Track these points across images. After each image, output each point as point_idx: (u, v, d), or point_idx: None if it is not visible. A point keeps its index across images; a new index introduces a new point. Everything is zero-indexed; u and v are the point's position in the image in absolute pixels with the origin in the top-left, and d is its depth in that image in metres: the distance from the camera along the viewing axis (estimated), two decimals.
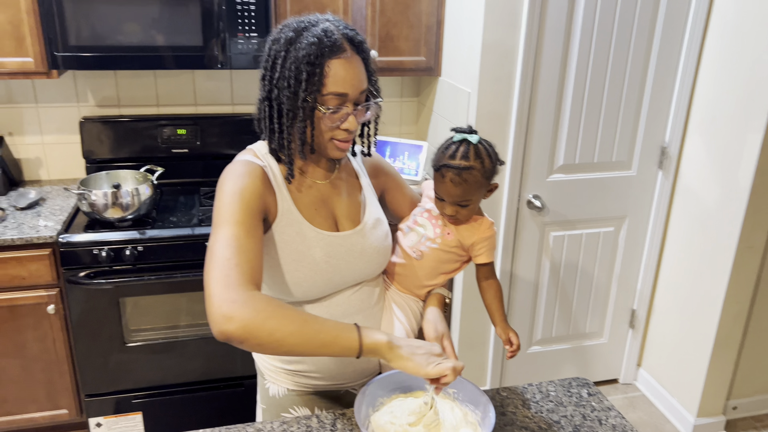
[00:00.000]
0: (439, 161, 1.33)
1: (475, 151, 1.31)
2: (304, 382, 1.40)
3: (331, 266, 1.30)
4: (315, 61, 1.16)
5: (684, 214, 2.68)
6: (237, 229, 1.14)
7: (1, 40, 2.25)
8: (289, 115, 1.20)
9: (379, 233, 1.39)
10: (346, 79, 1.18)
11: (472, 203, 1.36)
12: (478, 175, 1.32)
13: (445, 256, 1.42)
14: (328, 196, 1.35)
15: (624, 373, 3.06)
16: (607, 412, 1.38)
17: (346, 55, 1.19)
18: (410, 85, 3.03)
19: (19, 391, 2.43)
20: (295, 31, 1.19)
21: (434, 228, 1.41)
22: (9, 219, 2.36)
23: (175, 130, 2.72)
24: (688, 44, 2.49)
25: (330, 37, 1.17)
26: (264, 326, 1.04)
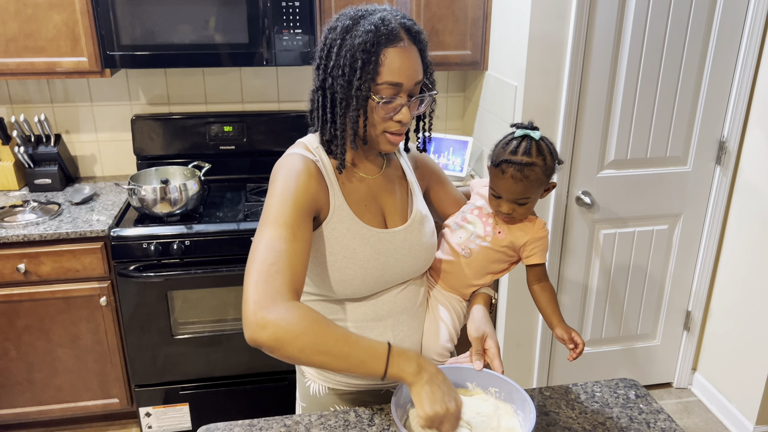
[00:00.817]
0: (500, 157, 1.30)
1: (537, 147, 1.29)
2: (344, 381, 1.40)
3: (380, 263, 1.28)
4: (371, 49, 1.14)
5: (743, 212, 2.55)
6: (284, 231, 1.13)
7: (58, 41, 2.33)
8: (342, 104, 1.18)
9: (426, 230, 1.37)
10: (402, 68, 1.16)
11: (531, 201, 1.33)
12: (540, 172, 1.29)
13: (494, 256, 1.39)
14: (377, 191, 1.33)
15: (678, 376, 2.94)
16: (656, 415, 1.32)
17: (403, 44, 1.16)
18: (456, 79, 3.00)
19: (73, 380, 2.51)
20: (352, 19, 1.18)
21: (485, 226, 1.38)
22: (65, 213, 2.44)
23: (222, 127, 2.77)
24: (749, 33, 2.37)
25: (387, 26, 1.15)
26: (296, 341, 1.04)
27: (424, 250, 1.36)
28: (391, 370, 1.08)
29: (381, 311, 1.33)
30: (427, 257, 1.37)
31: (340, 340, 1.07)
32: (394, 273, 1.31)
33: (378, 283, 1.30)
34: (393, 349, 1.09)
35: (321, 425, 1.29)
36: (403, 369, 1.08)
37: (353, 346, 1.07)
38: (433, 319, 1.41)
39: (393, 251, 1.30)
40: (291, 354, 1.05)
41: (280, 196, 1.17)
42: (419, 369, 1.09)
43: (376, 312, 1.33)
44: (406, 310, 1.36)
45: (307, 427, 1.29)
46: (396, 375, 1.08)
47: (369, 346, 1.09)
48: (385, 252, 1.29)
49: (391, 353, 1.09)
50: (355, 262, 1.26)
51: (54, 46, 2.34)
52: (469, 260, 1.39)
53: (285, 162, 1.24)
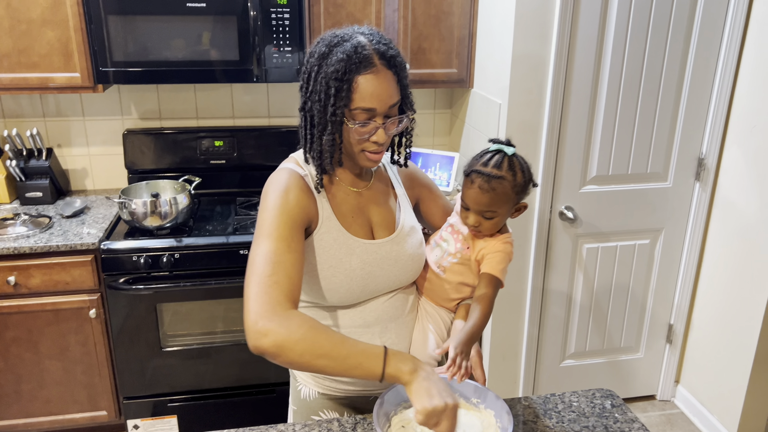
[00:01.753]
0: (471, 167, 1.34)
1: (509, 162, 1.31)
2: (334, 386, 1.43)
3: (366, 273, 1.33)
4: (343, 77, 1.19)
5: (722, 227, 2.61)
6: (279, 244, 1.19)
7: (51, 57, 2.38)
8: (319, 127, 1.25)
9: (413, 241, 1.41)
10: (374, 94, 1.21)
11: (497, 216, 1.34)
12: (508, 186, 1.31)
13: (466, 271, 1.41)
14: (365, 204, 1.39)
15: (661, 389, 2.99)
16: (631, 424, 1.36)
17: (375, 70, 1.21)
18: (443, 97, 3.06)
19: (61, 392, 2.52)
20: (327, 46, 1.22)
21: (455, 243, 1.41)
22: (55, 226, 2.47)
23: (213, 141, 2.81)
24: (725, 53, 2.44)
25: (360, 53, 1.19)
26: (296, 347, 1.10)
27: (411, 261, 1.40)
28: (389, 370, 1.12)
29: (369, 318, 1.37)
30: (414, 267, 1.41)
31: (337, 343, 1.13)
32: (381, 282, 1.36)
33: (364, 291, 1.34)
34: (389, 350, 1.15)
35: None
36: (400, 368, 1.13)
37: (350, 349, 1.13)
38: (421, 329, 1.45)
39: (379, 261, 1.34)
40: (292, 359, 1.11)
41: (273, 210, 1.23)
42: (415, 368, 1.14)
43: (364, 319, 1.37)
44: (393, 319, 1.40)
45: None
46: (393, 374, 1.13)
47: (366, 348, 1.14)
48: (370, 262, 1.33)
49: (388, 354, 1.14)
50: (341, 271, 1.31)
51: (47, 62, 2.38)
52: (444, 278, 1.42)
53: (276, 177, 1.30)
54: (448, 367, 1.24)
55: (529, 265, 2.63)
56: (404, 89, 1.29)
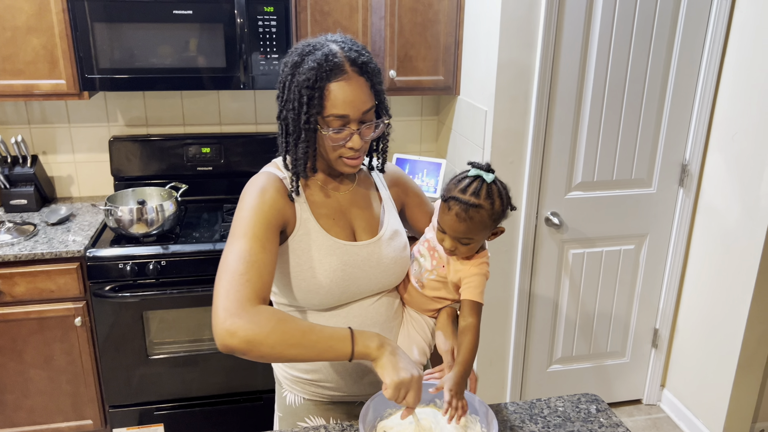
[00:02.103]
0: (449, 192, 1.30)
1: (488, 190, 1.28)
2: (319, 392, 1.44)
3: (347, 275, 1.33)
4: (314, 85, 1.21)
5: (706, 232, 2.65)
6: (252, 243, 1.20)
7: (36, 64, 2.37)
8: (294, 135, 1.27)
9: (396, 244, 1.41)
10: (347, 101, 1.22)
11: (474, 243, 1.32)
12: (486, 215, 1.28)
13: (442, 287, 1.40)
14: (347, 207, 1.39)
15: (647, 393, 3.01)
16: (615, 429, 1.38)
17: (347, 77, 1.22)
18: (430, 104, 3.07)
19: (46, 402, 2.50)
20: (300, 55, 1.25)
21: (431, 260, 1.40)
22: (40, 234, 2.45)
23: (199, 148, 2.81)
24: (707, 60, 2.48)
25: (330, 61, 1.21)
26: (267, 340, 1.12)
27: (393, 264, 1.40)
28: (357, 348, 1.16)
29: (352, 323, 1.37)
30: (397, 271, 1.41)
31: (306, 331, 1.16)
32: (362, 285, 1.36)
33: (344, 293, 1.34)
34: (355, 331, 1.18)
35: None
36: (368, 345, 1.17)
37: (319, 334, 1.16)
38: (405, 334, 1.45)
39: (360, 263, 1.35)
40: (264, 352, 1.13)
41: (249, 211, 1.25)
42: (381, 343, 1.18)
43: (347, 323, 1.37)
44: (377, 324, 1.40)
45: None
46: (362, 352, 1.17)
47: (333, 332, 1.17)
48: (351, 263, 1.34)
49: (355, 333, 1.18)
50: (320, 273, 1.31)
51: (32, 69, 2.37)
52: (423, 291, 1.42)
53: (254, 180, 1.32)
54: (445, 411, 1.21)
55: (515, 271, 2.64)
56: (378, 94, 1.30)
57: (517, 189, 2.53)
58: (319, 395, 1.44)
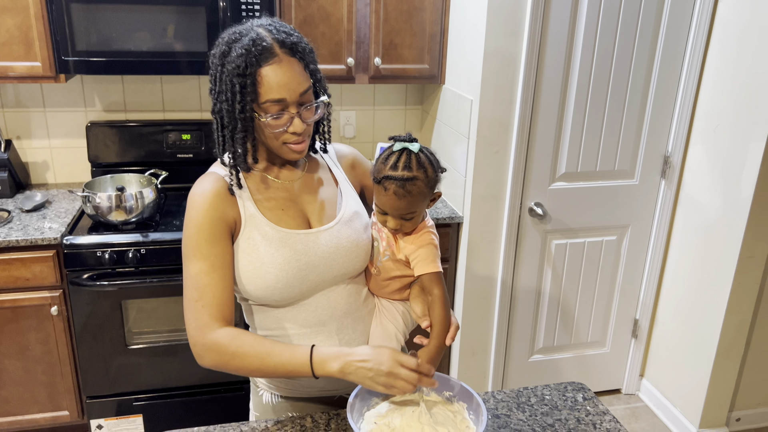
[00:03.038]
0: (380, 173, 1.26)
1: (417, 160, 1.25)
2: (296, 389, 1.41)
3: (303, 264, 1.29)
4: (245, 72, 1.16)
5: (686, 224, 2.67)
6: (202, 264, 1.22)
7: (10, 45, 2.29)
8: (230, 126, 1.21)
9: (356, 226, 1.36)
10: (281, 83, 1.18)
11: (416, 215, 1.30)
12: (422, 185, 1.26)
13: (399, 267, 1.37)
14: (297, 195, 1.34)
15: (627, 383, 3.04)
16: (602, 417, 1.38)
17: (278, 59, 1.18)
18: (414, 93, 3.05)
19: (21, 392, 2.44)
20: (227, 44, 1.19)
21: (381, 240, 1.37)
22: (15, 221, 2.39)
23: (180, 135, 2.75)
24: (690, 54, 2.50)
25: (258, 45, 1.17)
26: (229, 365, 1.21)
27: (355, 247, 1.35)
28: (318, 373, 1.18)
29: (322, 316, 1.34)
30: (359, 254, 1.36)
31: (264, 357, 1.19)
32: (323, 272, 1.32)
33: (305, 284, 1.30)
34: (314, 356, 1.18)
35: (277, 431, 1.30)
36: (329, 371, 1.17)
37: (278, 359, 1.19)
38: (378, 324, 1.42)
39: (316, 251, 1.30)
40: (233, 372, 1.22)
41: (194, 228, 1.24)
42: (341, 366, 1.16)
43: (318, 317, 1.34)
44: (349, 314, 1.37)
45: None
46: (325, 375, 1.18)
47: (292, 356, 1.19)
48: (306, 252, 1.29)
49: (313, 360, 1.18)
50: (274, 266, 1.27)
51: (6, 50, 2.30)
52: (382, 275, 1.39)
53: (194, 190, 1.28)
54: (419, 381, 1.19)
55: (498, 261, 2.64)
56: (314, 74, 1.25)
57: (501, 179, 2.52)
58: (296, 392, 1.41)
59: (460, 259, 2.66)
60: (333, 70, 2.56)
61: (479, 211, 2.55)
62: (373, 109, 3.03)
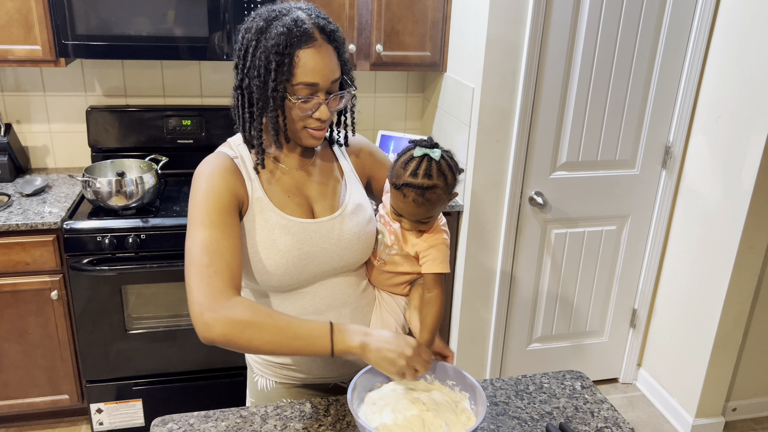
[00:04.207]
0: (400, 178, 1.25)
1: (438, 168, 1.24)
2: (291, 375, 1.41)
3: (304, 253, 1.28)
4: (284, 51, 1.15)
5: (686, 214, 2.67)
6: (213, 231, 1.17)
7: (10, 28, 2.28)
8: (259, 104, 1.20)
9: (359, 219, 1.36)
10: (316, 68, 1.18)
11: (433, 219, 1.30)
12: (442, 193, 1.25)
13: (404, 260, 1.37)
14: (304, 183, 1.34)
15: (624, 372, 3.06)
16: (600, 405, 1.39)
17: (317, 44, 1.18)
18: (415, 80, 3.04)
19: (20, 376, 2.45)
20: (265, 20, 1.18)
21: (389, 235, 1.37)
22: (15, 205, 2.38)
23: (180, 120, 2.74)
24: (694, 43, 2.48)
25: (300, 27, 1.16)
26: (242, 335, 1.11)
27: (357, 240, 1.34)
28: (338, 347, 1.13)
29: (320, 305, 1.34)
30: (361, 247, 1.36)
31: (283, 328, 1.13)
32: (323, 263, 1.31)
33: (303, 272, 1.30)
34: (335, 328, 1.14)
35: (277, 416, 1.31)
36: (349, 345, 1.14)
37: (296, 331, 1.13)
38: (378, 316, 1.42)
39: (318, 241, 1.30)
40: (241, 346, 1.13)
41: (203, 196, 1.21)
42: (363, 342, 1.14)
43: (315, 306, 1.34)
44: (347, 303, 1.37)
45: (263, 418, 1.30)
46: (344, 350, 1.14)
47: (312, 329, 1.14)
48: (308, 242, 1.29)
49: (334, 333, 1.14)
50: (275, 252, 1.26)
51: (6, 34, 2.28)
52: (386, 268, 1.39)
53: (204, 163, 1.27)
54: None
55: (498, 250, 2.65)
56: (344, 65, 1.25)
57: (502, 168, 2.52)
58: (291, 378, 1.41)
59: (460, 247, 2.66)
60: None
61: (479, 199, 2.55)
62: (374, 96, 3.02)
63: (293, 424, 1.28)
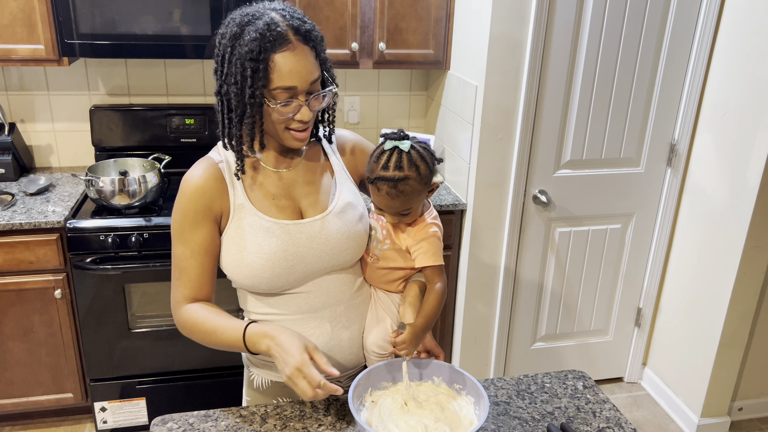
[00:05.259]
0: (372, 173, 1.26)
1: (409, 159, 1.24)
2: None
3: (290, 255, 1.28)
4: (258, 57, 1.14)
5: (692, 213, 2.65)
6: (184, 249, 1.28)
7: (13, 27, 2.28)
8: (237, 110, 1.19)
9: (349, 218, 1.34)
10: (293, 71, 1.16)
11: (414, 210, 1.30)
12: (415, 183, 1.25)
13: (397, 255, 1.36)
14: (290, 184, 1.33)
15: (629, 371, 3.04)
16: (602, 405, 1.38)
17: (291, 46, 1.16)
18: (419, 78, 3.03)
19: (25, 375, 2.46)
20: (239, 25, 1.16)
21: (381, 230, 1.37)
22: (18, 204, 2.39)
23: (183, 119, 2.75)
24: (699, 40, 2.46)
25: (273, 30, 1.14)
26: (192, 336, 1.31)
27: (346, 239, 1.33)
28: (252, 350, 1.23)
29: (314, 303, 1.34)
30: (351, 246, 1.35)
31: (211, 335, 1.27)
32: (312, 263, 1.31)
33: (291, 274, 1.29)
34: (246, 336, 1.23)
35: (277, 416, 1.31)
36: (259, 350, 1.22)
37: (220, 337, 1.26)
38: (374, 313, 1.41)
39: (306, 242, 1.29)
40: (200, 343, 1.30)
41: (178, 213, 1.28)
42: (267, 347, 1.20)
43: (310, 304, 1.33)
44: (341, 302, 1.36)
45: (263, 417, 1.30)
46: (259, 353, 1.23)
47: (230, 337, 1.25)
48: (295, 243, 1.28)
49: (246, 341, 1.23)
50: (261, 256, 1.26)
51: (9, 33, 2.29)
52: (379, 264, 1.38)
53: (189, 173, 1.29)
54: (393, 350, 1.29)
55: (502, 249, 2.63)
56: (324, 63, 1.24)
57: (505, 166, 2.51)
58: None
59: (463, 246, 2.65)
60: (337, 55, 2.54)
61: (483, 198, 2.54)
62: (378, 94, 3.01)
63: (293, 424, 1.28)
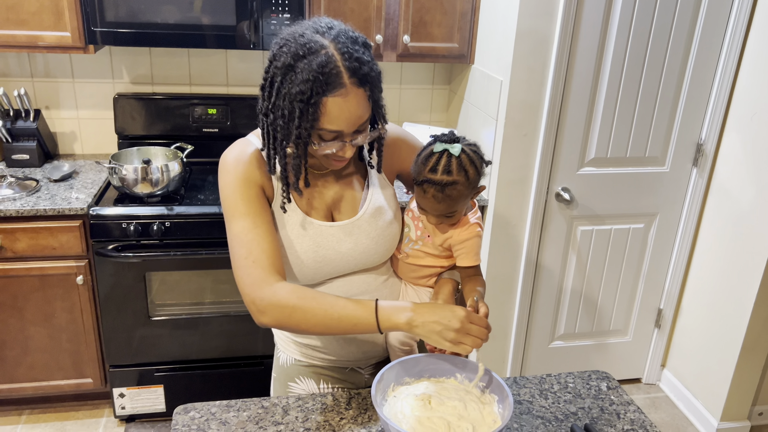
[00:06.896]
0: (420, 174, 1.24)
1: (458, 163, 1.21)
2: (310, 354, 1.42)
3: (320, 256, 1.28)
4: (309, 100, 1.10)
5: (717, 214, 2.61)
6: (244, 222, 1.20)
7: (41, 15, 2.29)
8: (283, 143, 1.17)
9: (379, 223, 1.34)
10: (341, 117, 1.13)
11: (458, 213, 1.29)
12: (462, 188, 1.23)
13: (429, 255, 1.36)
14: (325, 185, 1.32)
15: (647, 372, 3.01)
16: (626, 407, 1.36)
17: (345, 92, 1.11)
18: (442, 72, 3.01)
19: (46, 359, 2.49)
20: (293, 57, 1.10)
21: (416, 230, 1.35)
22: (42, 190, 2.41)
23: (206, 109, 2.75)
24: (730, 38, 2.41)
25: (327, 73, 1.09)
26: (290, 320, 1.15)
27: (375, 244, 1.33)
28: (384, 326, 1.14)
29: (338, 293, 1.32)
30: (379, 250, 1.34)
31: (328, 309, 1.14)
32: (338, 265, 1.31)
33: (318, 274, 1.30)
34: (379, 308, 1.14)
35: (298, 408, 1.30)
36: (395, 323, 1.14)
37: (341, 311, 1.14)
38: None
39: (335, 245, 1.29)
40: (292, 328, 1.17)
41: (229, 188, 1.22)
42: (409, 318, 1.13)
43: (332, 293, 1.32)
44: (366, 293, 1.36)
45: (285, 409, 1.30)
46: (391, 328, 1.15)
47: (356, 308, 1.15)
48: (324, 245, 1.28)
49: (379, 312, 1.14)
50: (292, 252, 1.27)
51: (37, 20, 2.30)
52: (409, 261, 1.38)
53: (230, 152, 1.27)
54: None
55: (522, 246, 2.61)
56: (376, 103, 1.19)
57: (529, 163, 2.48)
58: (309, 357, 1.42)
59: (484, 242, 2.63)
60: None
61: (505, 194, 2.52)
62: (400, 87, 2.99)
63: (314, 417, 1.28)
